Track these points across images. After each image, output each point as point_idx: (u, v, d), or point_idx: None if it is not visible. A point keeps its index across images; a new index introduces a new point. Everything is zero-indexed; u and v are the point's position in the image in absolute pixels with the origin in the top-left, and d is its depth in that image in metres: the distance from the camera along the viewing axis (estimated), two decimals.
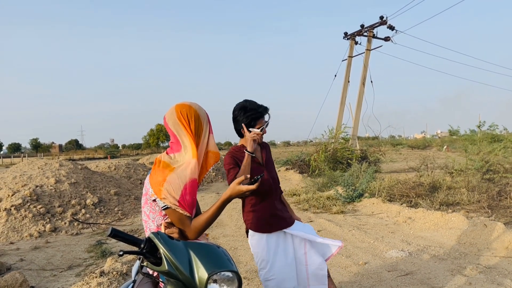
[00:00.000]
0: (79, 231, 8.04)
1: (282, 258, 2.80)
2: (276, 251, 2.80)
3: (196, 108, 1.98)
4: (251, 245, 2.86)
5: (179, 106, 1.96)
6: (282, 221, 2.88)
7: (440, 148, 35.08)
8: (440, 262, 5.00)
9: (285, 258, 2.82)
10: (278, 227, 2.85)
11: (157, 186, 1.83)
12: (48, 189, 9.25)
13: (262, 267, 2.77)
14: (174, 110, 1.95)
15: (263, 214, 2.83)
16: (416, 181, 10.09)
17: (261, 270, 2.78)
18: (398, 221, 7.40)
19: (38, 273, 5.43)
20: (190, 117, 1.93)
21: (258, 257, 2.80)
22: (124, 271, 4.72)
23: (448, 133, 13.67)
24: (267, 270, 2.75)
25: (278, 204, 2.94)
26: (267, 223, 2.83)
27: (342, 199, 9.68)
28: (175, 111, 1.95)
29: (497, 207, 7.70)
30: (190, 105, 1.97)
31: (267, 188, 2.82)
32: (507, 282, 4.17)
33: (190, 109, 1.95)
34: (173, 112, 1.95)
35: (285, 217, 2.92)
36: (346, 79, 20.95)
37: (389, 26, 19.74)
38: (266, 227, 2.83)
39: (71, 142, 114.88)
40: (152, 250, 1.58)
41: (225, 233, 7.14)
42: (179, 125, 1.93)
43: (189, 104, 1.98)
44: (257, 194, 2.81)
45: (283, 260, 2.80)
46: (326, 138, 17.44)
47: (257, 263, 2.82)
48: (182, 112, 1.94)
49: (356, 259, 5.27)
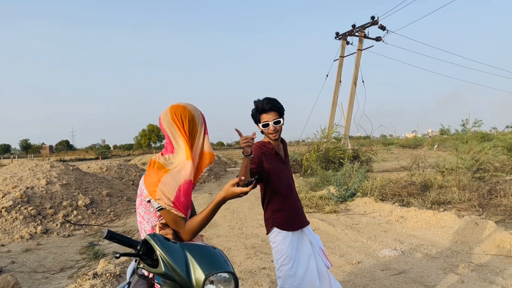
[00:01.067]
0: (71, 232, 7.98)
1: (303, 256, 2.86)
2: (297, 250, 2.87)
3: (191, 109, 1.97)
4: (275, 241, 2.88)
5: (173, 107, 1.95)
6: (303, 219, 2.99)
7: (431, 147, 35.34)
8: (433, 260, 5.04)
9: (305, 256, 2.87)
10: (300, 226, 2.94)
11: (152, 187, 1.82)
12: (39, 190, 9.17)
13: (284, 263, 2.80)
14: (169, 111, 1.94)
15: (289, 212, 2.91)
16: (408, 180, 10.17)
17: (283, 266, 2.80)
18: (390, 220, 7.45)
19: (30, 276, 5.38)
20: (184, 118, 1.92)
21: (282, 253, 2.82)
22: (118, 273, 4.69)
23: (439, 132, 13.80)
24: (289, 266, 2.78)
25: (297, 200, 3.05)
26: (292, 221, 2.91)
27: (334, 199, 9.71)
28: (169, 112, 1.93)
29: (488, 206, 7.79)
30: (184, 106, 1.96)
31: (287, 185, 2.94)
32: (499, 280, 4.22)
33: (185, 110, 1.94)
34: (168, 113, 1.93)
35: (304, 215, 3.04)
36: (338, 79, 21.02)
37: (380, 26, 19.84)
38: (291, 225, 2.90)
39: (61, 143, 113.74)
40: (149, 251, 1.57)
41: (218, 234, 7.13)
42: (173, 126, 1.92)
43: (184, 105, 1.97)
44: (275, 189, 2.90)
45: (304, 258, 2.86)
46: (318, 138, 17.50)
47: (277, 260, 2.84)
48: (177, 113, 1.92)
49: (350, 258, 5.30)
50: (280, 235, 2.87)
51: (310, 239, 2.96)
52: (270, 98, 2.85)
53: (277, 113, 2.82)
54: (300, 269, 2.79)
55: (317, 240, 3.01)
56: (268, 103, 2.80)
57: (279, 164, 2.93)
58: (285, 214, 2.90)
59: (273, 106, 2.80)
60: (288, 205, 2.93)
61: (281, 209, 2.90)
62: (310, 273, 2.83)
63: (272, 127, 2.81)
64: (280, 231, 2.87)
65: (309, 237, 2.96)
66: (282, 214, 2.89)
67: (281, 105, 2.88)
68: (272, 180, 2.86)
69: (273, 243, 2.90)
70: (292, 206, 2.95)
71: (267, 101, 2.81)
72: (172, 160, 1.91)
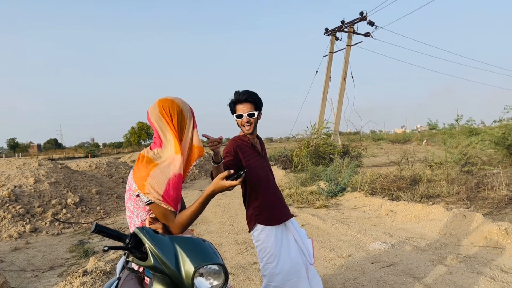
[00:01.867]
0: (60, 231, 7.91)
1: (287, 251, 2.82)
2: (282, 245, 2.83)
3: (179, 102, 1.96)
4: (259, 240, 2.82)
5: (161, 101, 1.94)
6: (286, 211, 2.95)
7: (420, 142, 35.66)
8: (422, 253, 5.09)
9: (289, 251, 2.84)
10: (283, 218, 2.91)
11: (141, 181, 1.81)
12: (27, 189, 9.07)
13: (269, 262, 2.76)
14: (157, 105, 1.92)
15: (271, 206, 2.87)
16: (397, 174, 10.26)
17: (268, 265, 2.76)
18: (380, 214, 7.51)
19: (19, 274, 5.33)
20: (172, 112, 1.91)
21: (266, 251, 2.77)
22: (108, 270, 4.67)
23: (427, 127, 13.94)
24: (275, 265, 2.74)
25: (278, 193, 2.99)
26: (275, 215, 2.87)
27: (325, 194, 9.76)
28: (157, 106, 1.92)
29: (476, 199, 7.89)
30: (173, 99, 1.95)
31: (266, 178, 2.89)
32: (487, 270, 4.28)
33: (173, 104, 1.93)
34: (156, 107, 1.92)
35: (286, 207, 3.00)
36: (328, 75, 21.09)
37: (369, 22, 19.94)
38: (274, 219, 2.86)
39: (50, 141, 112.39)
40: (137, 245, 1.56)
41: (209, 230, 7.12)
42: (161, 120, 1.91)
43: (172, 99, 1.95)
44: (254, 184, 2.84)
45: (288, 254, 2.82)
46: (308, 134, 17.55)
47: (262, 258, 2.79)
48: (165, 107, 1.91)
49: (340, 252, 5.33)
50: (264, 232, 2.82)
51: (293, 234, 2.92)
52: (249, 90, 2.80)
53: (253, 105, 2.76)
54: (285, 266, 2.76)
55: (303, 235, 2.97)
56: (244, 94, 2.75)
57: (256, 157, 2.88)
58: (267, 208, 2.85)
59: (249, 97, 2.75)
60: (269, 198, 2.88)
61: (262, 204, 2.86)
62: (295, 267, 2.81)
63: (246, 118, 2.76)
64: (263, 227, 2.82)
65: (293, 232, 2.92)
66: (264, 209, 2.85)
67: (259, 99, 2.82)
68: (250, 174, 2.80)
69: (257, 242, 2.85)
70: (273, 200, 2.91)
71: (244, 92, 2.77)
72: (160, 154, 1.90)
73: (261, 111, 2.88)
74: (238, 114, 2.77)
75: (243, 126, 2.81)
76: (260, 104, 2.83)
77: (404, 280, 4.18)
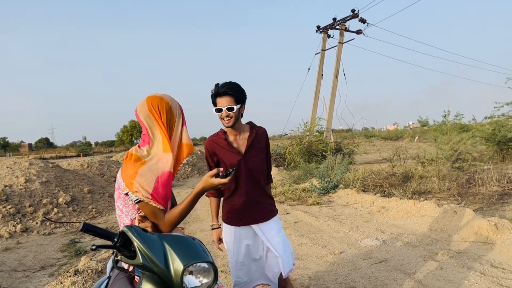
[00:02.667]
0: (51, 230, 7.85)
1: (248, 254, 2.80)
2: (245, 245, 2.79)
3: (168, 99, 1.94)
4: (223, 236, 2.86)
5: (150, 98, 1.92)
6: (256, 215, 2.77)
7: (411, 139, 35.88)
8: (413, 248, 5.13)
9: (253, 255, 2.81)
10: (249, 221, 2.77)
11: (129, 179, 1.80)
12: (18, 188, 8.99)
13: (230, 257, 2.82)
14: (145, 102, 1.91)
15: (235, 205, 2.76)
16: (389, 171, 10.31)
17: (231, 259, 2.82)
18: (372, 211, 7.55)
19: (10, 274, 5.29)
20: (161, 109, 1.90)
21: (227, 247, 2.83)
22: (99, 269, 4.65)
23: (419, 124, 14.02)
24: (234, 261, 2.80)
25: (257, 195, 2.79)
26: (238, 215, 2.76)
27: (317, 191, 9.79)
28: (146, 103, 1.90)
29: (467, 194, 7.95)
30: (161, 97, 1.94)
31: (242, 177, 2.70)
32: (477, 265, 4.32)
33: (162, 101, 1.91)
34: (144, 104, 1.91)
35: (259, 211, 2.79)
36: (320, 73, 21.13)
37: (361, 19, 20.00)
38: (235, 219, 2.78)
39: (41, 140, 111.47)
40: (126, 243, 1.55)
41: (202, 228, 7.11)
42: (150, 117, 1.89)
43: (161, 96, 1.94)
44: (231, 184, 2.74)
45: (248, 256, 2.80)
46: (301, 131, 17.59)
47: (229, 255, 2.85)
48: (154, 104, 1.90)
49: (332, 248, 5.35)
50: (225, 229, 2.83)
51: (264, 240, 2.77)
52: (230, 82, 2.63)
53: (233, 98, 2.58)
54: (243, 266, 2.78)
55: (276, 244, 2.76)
56: (223, 87, 2.58)
57: (232, 155, 2.71)
58: (230, 205, 2.78)
59: (228, 90, 2.57)
60: (237, 197, 2.75)
61: (228, 200, 2.80)
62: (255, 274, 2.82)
63: (225, 113, 2.59)
64: (226, 225, 2.83)
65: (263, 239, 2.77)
66: (228, 206, 2.80)
67: (240, 90, 2.63)
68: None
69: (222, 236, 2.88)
70: (244, 198, 2.74)
71: (224, 84, 2.60)
72: (149, 152, 1.89)
73: (244, 104, 2.70)
74: (217, 108, 2.62)
75: (222, 120, 2.65)
76: (241, 97, 2.64)
77: (396, 276, 4.21)
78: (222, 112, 2.59)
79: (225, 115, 2.60)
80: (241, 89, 2.65)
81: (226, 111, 2.58)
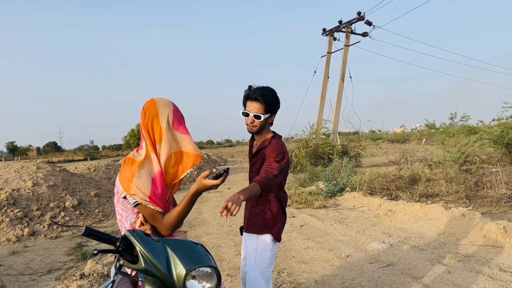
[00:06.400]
0: (58, 234, 7.88)
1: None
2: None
3: (159, 105, 1.93)
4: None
5: (147, 101, 1.96)
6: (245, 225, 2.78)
7: (419, 141, 35.63)
8: (420, 252, 5.08)
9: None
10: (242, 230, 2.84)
11: (126, 182, 1.80)
12: (25, 192, 9.04)
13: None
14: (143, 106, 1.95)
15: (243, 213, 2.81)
16: (396, 174, 10.24)
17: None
18: (379, 214, 7.49)
19: (17, 278, 5.30)
20: (147, 112, 1.91)
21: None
22: (105, 273, 4.65)
23: (426, 126, 13.90)
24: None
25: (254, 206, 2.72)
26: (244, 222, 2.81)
27: (323, 194, 9.74)
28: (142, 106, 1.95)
29: (475, 197, 7.87)
30: (155, 101, 1.95)
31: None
32: (485, 269, 4.27)
33: (151, 105, 1.93)
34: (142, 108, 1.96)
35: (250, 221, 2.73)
36: (326, 75, 21.07)
37: (367, 22, 19.92)
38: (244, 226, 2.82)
39: (49, 144, 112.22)
40: (129, 248, 1.55)
41: (208, 231, 7.10)
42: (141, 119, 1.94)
43: (155, 101, 1.95)
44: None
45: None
46: (307, 134, 17.53)
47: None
48: (144, 107, 1.94)
49: (338, 252, 5.31)
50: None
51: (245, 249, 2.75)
52: (266, 88, 2.52)
53: (263, 106, 2.48)
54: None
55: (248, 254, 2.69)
56: (256, 92, 2.48)
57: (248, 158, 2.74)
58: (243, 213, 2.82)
59: (260, 97, 2.47)
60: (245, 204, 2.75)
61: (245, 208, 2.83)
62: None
63: (251, 119, 2.51)
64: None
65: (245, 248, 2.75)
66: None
67: (273, 99, 2.52)
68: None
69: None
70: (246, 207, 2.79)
71: (258, 89, 2.50)
72: (141, 153, 1.91)
73: (274, 114, 2.60)
74: (244, 112, 2.54)
75: (247, 124, 2.58)
76: (272, 107, 2.54)
77: (403, 280, 4.16)
78: (248, 117, 2.52)
79: (250, 121, 2.53)
80: (275, 97, 2.54)
81: (252, 117, 2.50)
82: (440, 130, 12.65)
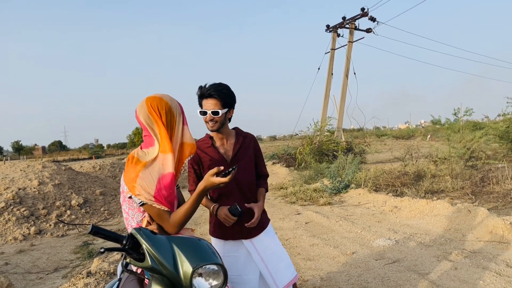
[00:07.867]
0: (64, 232, 7.93)
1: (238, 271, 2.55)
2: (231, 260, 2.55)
3: (168, 100, 1.93)
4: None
5: (149, 98, 1.91)
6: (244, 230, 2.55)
7: (424, 137, 35.48)
8: (426, 248, 5.06)
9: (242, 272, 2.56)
10: (234, 236, 2.57)
11: (131, 182, 1.80)
12: (32, 191, 9.10)
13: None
14: (145, 103, 1.90)
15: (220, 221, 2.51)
16: (401, 170, 10.20)
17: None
18: (384, 210, 7.47)
19: (24, 276, 5.34)
20: (161, 109, 1.88)
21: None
22: (112, 271, 4.67)
23: (431, 122, 13.86)
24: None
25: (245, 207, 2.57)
26: (222, 228, 2.56)
27: (328, 191, 9.73)
28: (145, 104, 1.89)
29: (481, 193, 7.83)
30: (161, 97, 1.93)
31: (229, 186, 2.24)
32: (492, 265, 4.25)
33: (161, 101, 1.90)
34: (144, 105, 1.89)
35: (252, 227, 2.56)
36: (330, 72, 21.02)
37: (371, 18, 19.84)
38: (220, 232, 2.60)
39: (54, 143, 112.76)
40: (135, 246, 1.55)
41: None
42: (150, 118, 1.88)
43: (160, 96, 1.93)
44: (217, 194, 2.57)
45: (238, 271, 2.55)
46: (311, 131, 17.52)
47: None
48: (153, 104, 1.88)
49: (344, 249, 5.31)
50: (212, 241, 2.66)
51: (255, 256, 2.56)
52: (218, 83, 2.45)
53: (219, 102, 2.40)
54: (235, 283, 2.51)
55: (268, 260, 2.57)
56: (209, 89, 2.41)
57: (217, 162, 2.48)
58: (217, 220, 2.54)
59: (214, 93, 2.39)
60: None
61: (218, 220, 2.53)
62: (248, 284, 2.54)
63: (210, 116, 2.41)
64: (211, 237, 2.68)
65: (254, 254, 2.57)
66: (213, 217, 2.61)
67: (228, 94, 2.45)
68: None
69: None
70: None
71: (210, 86, 2.42)
72: (149, 153, 1.88)
73: (232, 108, 2.51)
74: (202, 111, 2.45)
75: (206, 123, 2.47)
76: (229, 100, 2.45)
77: (409, 276, 4.15)
78: (206, 115, 2.43)
79: (209, 119, 2.43)
80: (230, 92, 2.48)
81: (211, 114, 2.41)
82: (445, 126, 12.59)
